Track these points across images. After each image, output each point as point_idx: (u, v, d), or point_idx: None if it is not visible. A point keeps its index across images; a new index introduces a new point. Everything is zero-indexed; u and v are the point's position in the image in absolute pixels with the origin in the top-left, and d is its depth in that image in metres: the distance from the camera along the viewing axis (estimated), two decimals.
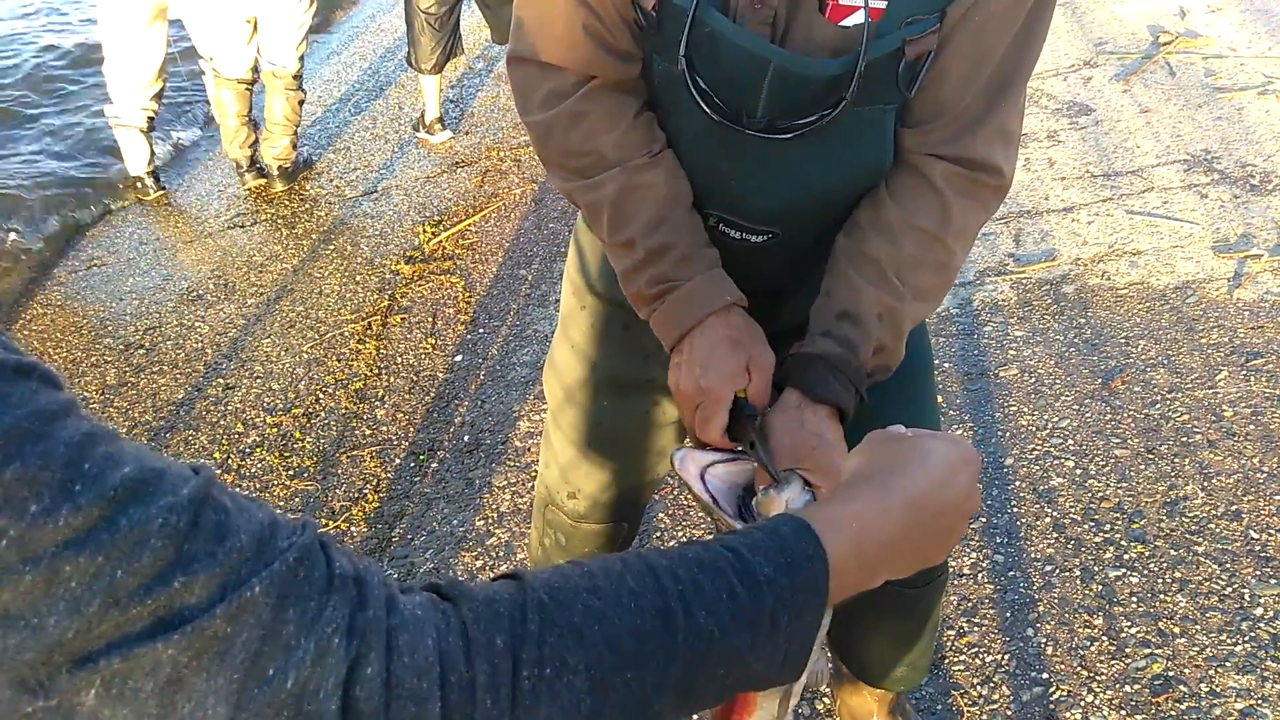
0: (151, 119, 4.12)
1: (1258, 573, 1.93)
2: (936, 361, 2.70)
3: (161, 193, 4.36)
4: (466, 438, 2.68)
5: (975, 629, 1.91)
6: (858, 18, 0.95)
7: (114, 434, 0.46)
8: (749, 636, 0.56)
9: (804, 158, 1.06)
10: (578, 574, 0.55)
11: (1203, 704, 1.70)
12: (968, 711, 1.75)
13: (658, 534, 2.25)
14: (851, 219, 1.12)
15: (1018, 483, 2.25)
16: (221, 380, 3.04)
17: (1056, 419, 2.44)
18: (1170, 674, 1.76)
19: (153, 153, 4.27)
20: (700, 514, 2.29)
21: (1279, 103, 3.82)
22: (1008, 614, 1.93)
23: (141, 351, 3.26)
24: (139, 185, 4.34)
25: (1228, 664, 1.76)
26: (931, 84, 1.02)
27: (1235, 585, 1.91)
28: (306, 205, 4.09)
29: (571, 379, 1.45)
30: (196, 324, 3.37)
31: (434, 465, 2.59)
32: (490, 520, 2.37)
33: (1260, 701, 1.68)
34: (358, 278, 3.51)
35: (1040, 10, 1.00)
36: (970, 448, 0.73)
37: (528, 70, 1.10)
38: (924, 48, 0.98)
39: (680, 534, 2.25)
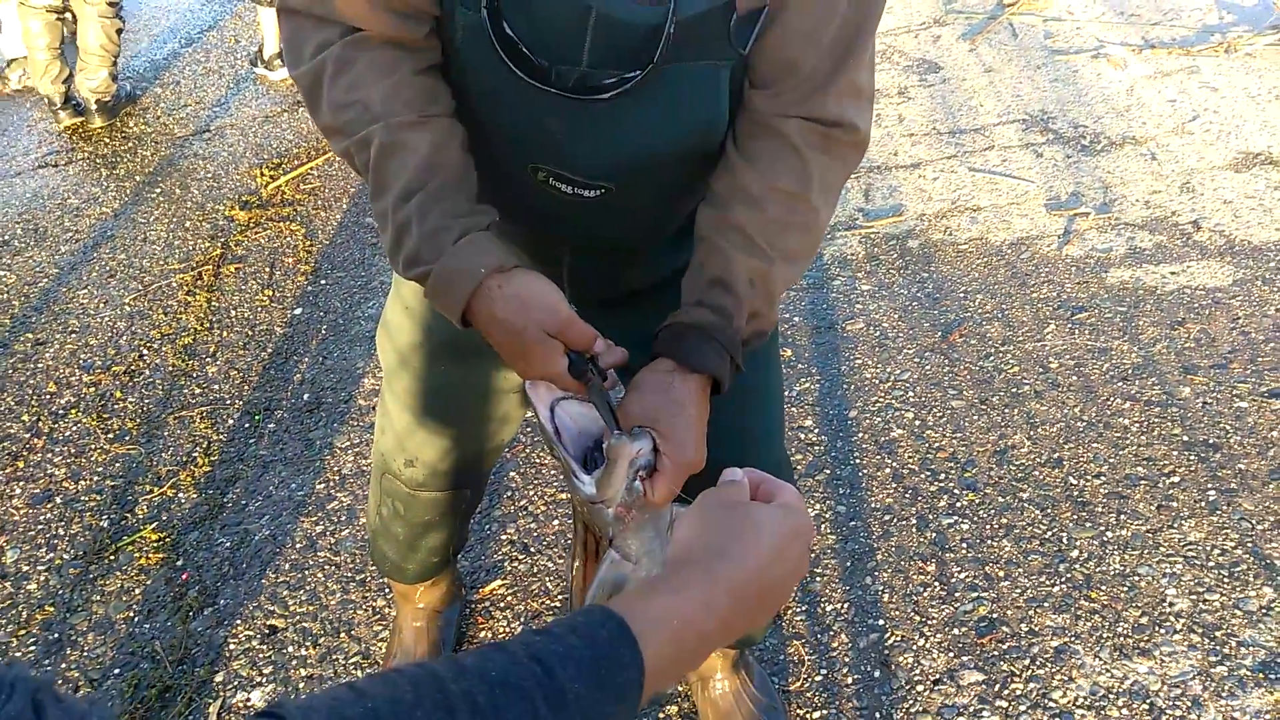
0: None
1: (1075, 516, 2.05)
2: (788, 315, 2.74)
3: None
4: (306, 396, 2.54)
5: (817, 579, 1.96)
6: None
7: None
8: None
9: (631, 115, 1.01)
10: (356, 714, 0.48)
11: (1023, 643, 1.79)
12: (808, 660, 1.80)
13: (508, 494, 2.21)
14: (710, 189, 1.09)
15: (860, 435, 2.31)
16: (30, 335, 2.79)
17: (899, 372, 2.51)
18: (994, 616, 1.85)
19: None
20: (554, 466, 2.26)
21: (1110, 66, 4.02)
22: (848, 563, 1.99)
23: None
24: None
25: (1046, 604, 1.86)
26: (775, 43, 0.98)
27: (1055, 529, 2.02)
28: (130, 144, 3.77)
29: (405, 342, 1.37)
30: (1, 273, 3.06)
31: (271, 426, 2.45)
32: (332, 484, 2.27)
33: (1073, 639, 1.79)
34: (187, 224, 3.27)
35: None
36: (804, 516, 0.71)
37: (299, 22, 1.00)
38: (756, 3, 0.95)
39: (532, 492, 2.21)
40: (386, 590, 1.97)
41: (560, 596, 1.96)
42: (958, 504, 2.11)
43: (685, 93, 1.01)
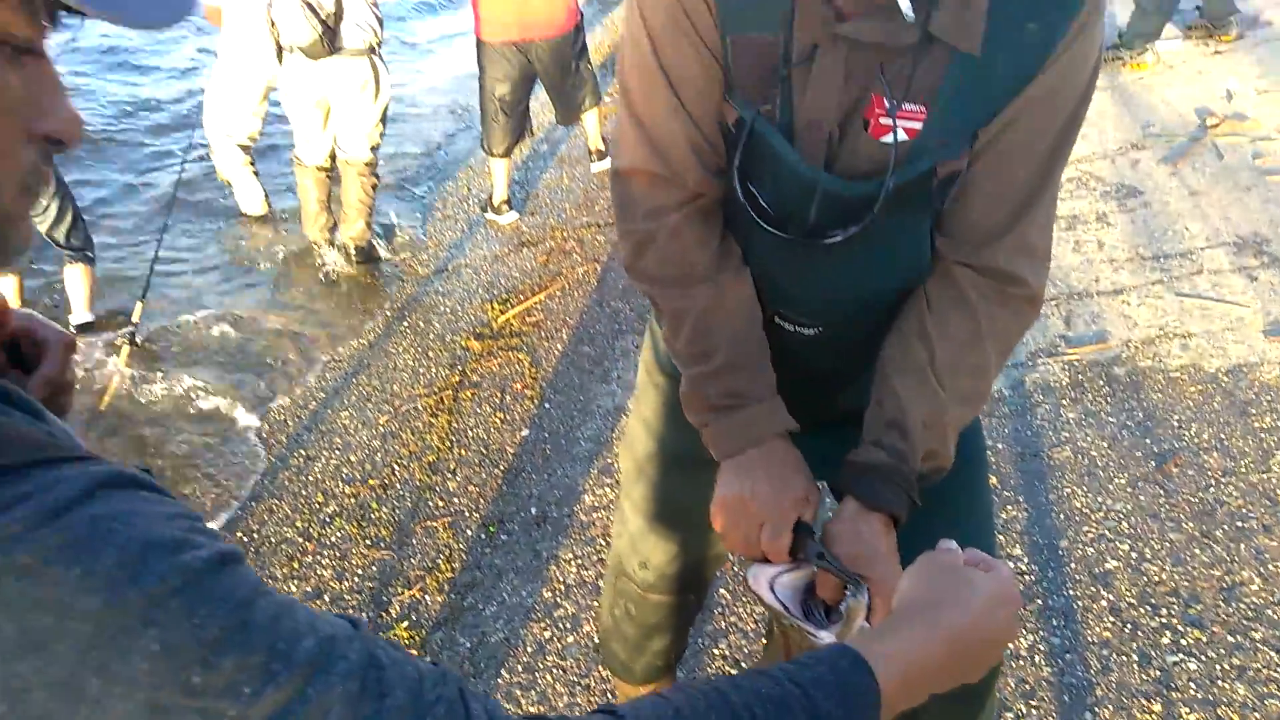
0: (249, 152, 4.72)
1: None
2: (990, 442, 2.77)
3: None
4: (534, 510, 2.79)
5: (1033, 711, 1.95)
6: (898, 135, 1.07)
7: (289, 603, 0.52)
8: None
9: (847, 260, 1.17)
10: (669, 713, 0.62)
11: None
12: None
13: (719, 609, 2.34)
14: (895, 327, 1.22)
15: (1073, 565, 2.30)
16: (302, 451, 3.21)
17: (1111, 501, 2.48)
18: None
19: (265, 191, 4.79)
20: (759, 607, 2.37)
21: None
22: (1065, 697, 1.97)
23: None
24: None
25: None
26: (961, 198, 1.12)
27: None
28: (381, 282, 4.31)
29: (642, 453, 1.55)
30: (280, 399, 3.55)
31: (504, 537, 2.71)
32: (558, 592, 2.47)
33: None
34: (430, 353, 3.69)
35: (1067, 134, 1.10)
36: (1012, 586, 0.82)
37: (634, 181, 1.20)
38: (955, 168, 1.09)
39: (741, 610, 2.33)
40: (610, 694, 2.13)
41: None
42: (1182, 641, 2.05)
43: (896, 240, 1.16)
